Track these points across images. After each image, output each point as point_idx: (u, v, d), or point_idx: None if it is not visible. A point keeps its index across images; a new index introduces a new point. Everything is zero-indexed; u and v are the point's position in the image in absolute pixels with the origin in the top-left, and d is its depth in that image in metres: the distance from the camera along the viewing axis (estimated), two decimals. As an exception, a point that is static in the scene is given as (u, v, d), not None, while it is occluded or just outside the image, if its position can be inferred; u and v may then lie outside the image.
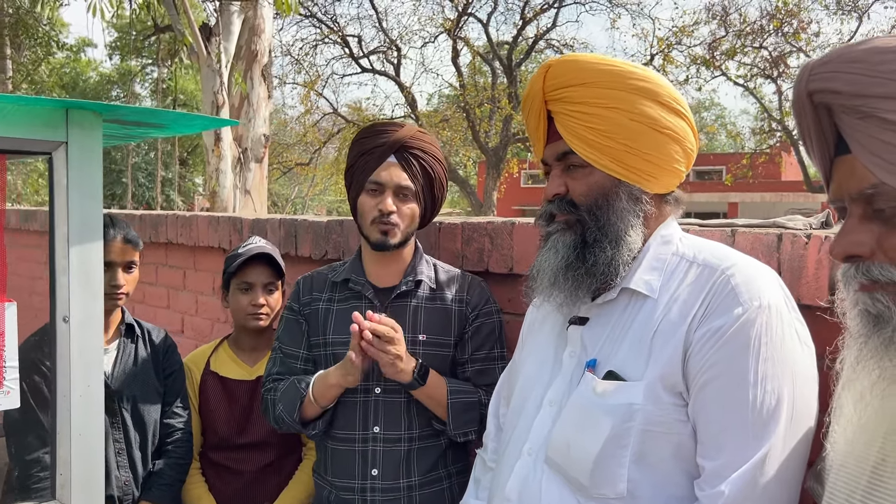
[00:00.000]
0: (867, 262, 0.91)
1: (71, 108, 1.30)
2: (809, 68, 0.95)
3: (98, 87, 30.28)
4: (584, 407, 1.27)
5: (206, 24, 6.91)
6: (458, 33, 17.93)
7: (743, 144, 22.54)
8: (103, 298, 1.36)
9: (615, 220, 1.30)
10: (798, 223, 1.55)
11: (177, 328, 3.75)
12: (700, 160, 30.45)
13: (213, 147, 6.84)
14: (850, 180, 0.93)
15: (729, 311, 1.19)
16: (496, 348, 1.97)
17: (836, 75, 0.92)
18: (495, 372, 1.91)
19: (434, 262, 2.03)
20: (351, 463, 1.90)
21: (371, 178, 1.87)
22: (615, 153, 1.30)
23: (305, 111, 19.13)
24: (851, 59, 0.91)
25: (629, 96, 1.28)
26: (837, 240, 0.94)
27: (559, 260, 1.33)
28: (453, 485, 1.97)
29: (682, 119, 1.32)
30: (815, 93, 0.95)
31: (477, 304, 1.96)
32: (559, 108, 1.34)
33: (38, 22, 17.86)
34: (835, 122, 0.95)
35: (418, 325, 1.92)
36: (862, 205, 0.92)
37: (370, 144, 1.89)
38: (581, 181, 1.33)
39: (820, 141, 0.98)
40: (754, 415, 1.15)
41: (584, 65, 1.31)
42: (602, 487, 1.24)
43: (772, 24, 15.20)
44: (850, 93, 0.91)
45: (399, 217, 1.87)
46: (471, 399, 1.89)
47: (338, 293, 1.99)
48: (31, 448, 1.97)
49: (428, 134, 1.96)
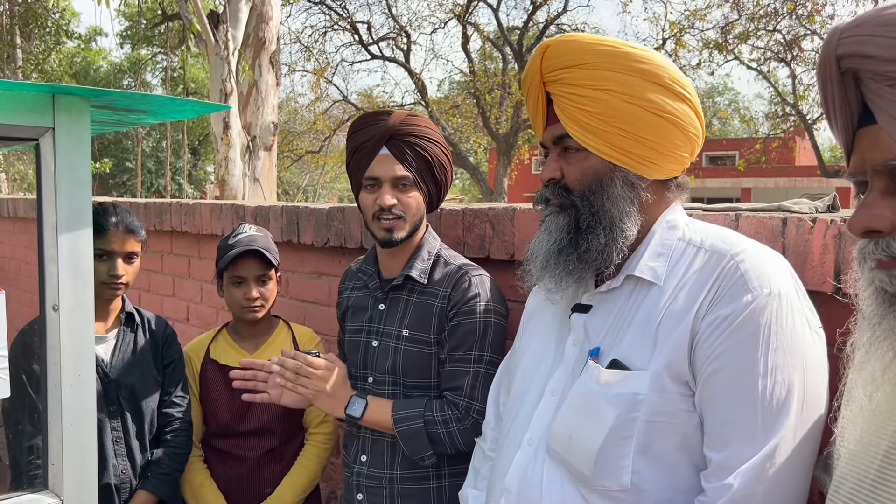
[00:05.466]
0: (888, 237, 0.88)
1: (57, 94, 1.28)
2: (839, 31, 0.91)
3: (109, 76, 30.36)
4: (588, 397, 1.25)
5: (213, 11, 6.88)
6: (469, 19, 17.82)
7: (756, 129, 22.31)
8: (100, 288, 1.35)
9: (609, 205, 1.27)
10: (803, 207, 1.51)
11: (182, 316, 3.75)
12: (713, 145, 30.24)
13: (222, 135, 6.84)
14: (873, 152, 0.89)
15: (738, 298, 1.15)
16: (474, 350, 1.82)
17: (869, 39, 0.87)
18: (466, 376, 1.82)
19: (438, 255, 1.93)
20: (351, 445, 1.98)
21: (367, 174, 1.84)
22: (611, 137, 1.26)
23: (315, 99, 19.11)
24: (885, 22, 0.86)
25: (627, 78, 1.24)
26: (857, 213, 0.90)
27: (552, 243, 1.30)
28: (443, 486, 1.89)
29: (684, 103, 1.27)
30: (844, 57, 0.90)
31: (458, 302, 1.83)
32: (556, 90, 1.30)
33: (48, 11, 17.89)
34: (861, 90, 0.91)
35: (405, 320, 1.89)
36: (885, 178, 0.88)
37: (362, 138, 1.85)
38: (576, 166, 1.30)
39: (843, 110, 0.94)
40: (764, 406, 1.12)
41: (581, 45, 1.27)
42: (605, 479, 1.21)
43: (785, 7, 15.00)
44: (882, 57, 0.86)
45: (402, 208, 1.83)
46: (415, 425, 1.80)
47: (356, 283, 2.05)
48: (28, 436, 1.97)
49: (420, 116, 1.90)
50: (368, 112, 1.92)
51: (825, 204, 1.52)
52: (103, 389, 2.07)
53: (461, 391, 1.81)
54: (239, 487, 2.27)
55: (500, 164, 18.05)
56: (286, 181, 30.61)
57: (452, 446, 1.80)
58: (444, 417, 1.80)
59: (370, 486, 1.90)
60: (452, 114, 18.81)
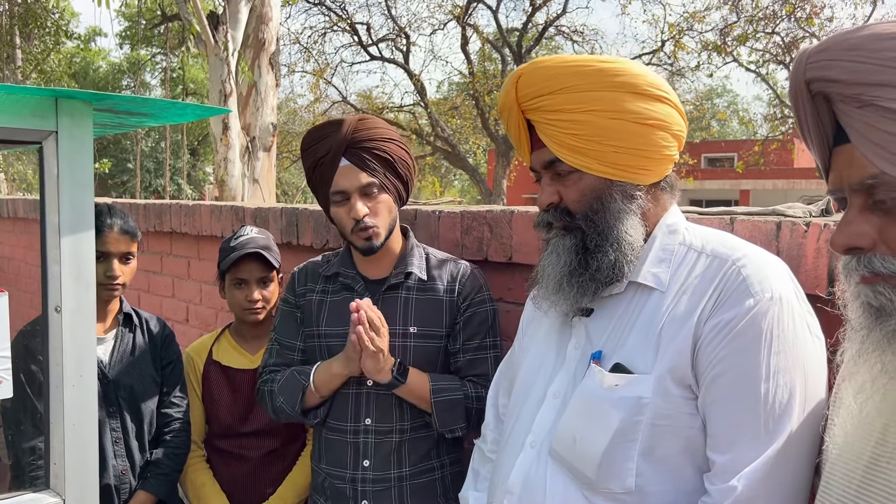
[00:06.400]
0: (869, 253, 0.89)
1: (60, 97, 1.29)
2: (806, 56, 0.93)
3: (108, 76, 30.35)
4: (592, 400, 1.25)
5: (213, 12, 6.88)
6: (468, 20, 17.84)
7: (755, 131, 22.34)
8: (98, 288, 1.36)
9: (613, 222, 1.27)
10: (797, 211, 1.53)
11: (182, 317, 3.76)
12: (711, 147, 30.21)
13: (222, 136, 6.84)
14: (849, 170, 0.91)
15: (740, 302, 1.16)
16: (488, 337, 1.93)
17: (834, 63, 0.89)
18: (487, 362, 1.89)
19: (426, 251, 1.99)
20: (344, 453, 1.92)
21: (333, 189, 1.83)
22: (602, 155, 1.26)
23: (315, 100, 19.12)
24: (849, 47, 0.88)
25: (606, 94, 1.24)
26: (838, 231, 0.92)
27: (562, 266, 1.30)
28: (445, 475, 1.96)
29: (664, 104, 1.27)
30: (813, 81, 0.92)
31: (469, 294, 1.91)
32: (538, 118, 1.30)
33: (48, 11, 17.89)
34: (833, 110, 0.93)
35: (409, 318, 1.89)
36: (862, 196, 0.90)
37: (320, 152, 1.83)
38: (573, 188, 1.30)
39: (818, 130, 0.96)
40: (766, 409, 1.13)
41: (554, 70, 1.26)
42: (609, 481, 1.22)
43: (784, 10, 15.02)
44: (848, 81, 0.88)
45: (374, 217, 1.83)
46: (455, 396, 1.86)
47: (331, 285, 1.99)
48: (28, 437, 1.98)
49: (371, 118, 1.89)
50: (319, 125, 1.90)
51: (819, 208, 1.54)
52: (102, 390, 2.07)
53: (486, 375, 1.86)
54: (241, 487, 2.28)
55: (500, 166, 18.06)
56: (285, 182, 30.57)
57: (480, 422, 1.83)
58: (477, 394, 1.86)
59: (377, 491, 1.88)
60: (452, 115, 18.83)
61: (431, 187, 23.41)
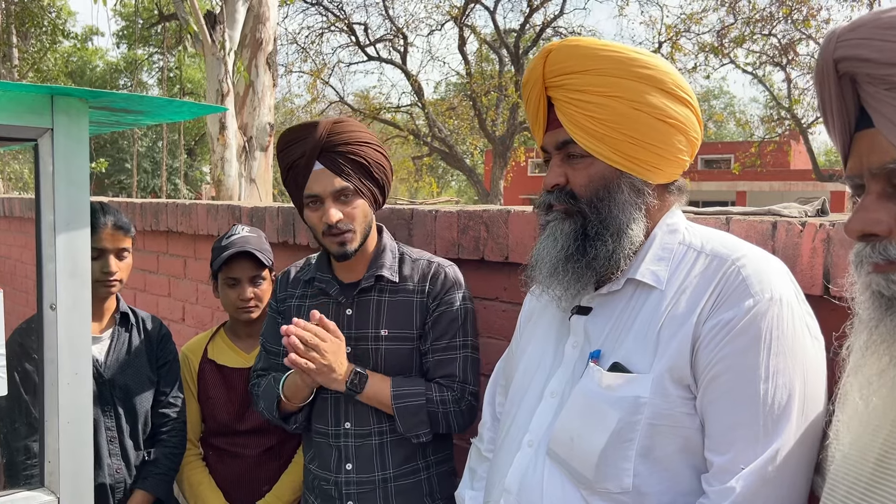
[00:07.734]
0: (884, 241, 0.88)
1: (56, 95, 1.29)
2: (837, 34, 0.91)
3: (105, 75, 30.29)
4: (590, 399, 1.25)
5: (210, 12, 6.87)
6: (465, 21, 17.85)
7: (752, 133, 22.38)
8: (94, 286, 1.36)
9: (617, 212, 1.26)
10: (793, 211, 1.53)
11: (178, 316, 3.76)
12: (708, 149, 30.27)
13: (218, 136, 6.83)
14: (870, 155, 0.89)
15: (739, 303, 1.16)
16: (458, 337, 1.88)
17: (866, 42, 0.87)
18: (455, 363, 1.86)
19: (402, 252, 1.95)
20: (328, 456, 1.92)
21: (306, 193, 1.80)
22: (617, 143, 1.25)
23: (312, 100, 19.12)
24: (883, 26, 0.86)
25: (632, 84, 1.23)
26: (854, 217, 0.90)
27: (558, 250, 1.29)
28: (432, 476, 1.94)
29: (687, 108, 1.27)
30: (842, 60, 0.90)
31: (438, 293, 1.87)
32: (559, 95, 1.28)
33: (45, 10, 17.86)
34: (858, 93, 0.91)
35: (381, 321, 1.88)
36: (882, 181, 0.88)
37: (294, 155, 1.81)
38: (582, 172, 1.29)
39: (841, 113, 0.94)
40: (765, 410, 1.13)
41: (585, 50, 1.26)
42: (606, 481, 1.22)
43: (781, 12, 15.05)
44: (879, 61, 0.86)
45: (349, 221, 1.80)
46: (416, 402, 1.82)
47: (309, 290, 1.98)
48: (22, 435, 1.97)
49: (347, 120, 1.85)
50: (294, 126, 1.86)
51: (814, 208, 1.54)
52: (97, 389, 2.07)
53: (454, 377, 1.85)
54: (237, 485, 2.28)
55: (497, 167, 18.08)
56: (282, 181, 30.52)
57: (447, 427, 1.84)
58: (442, 398, 1.83)
59: (361, 493, 1.88)
60: (449, 115, 18.84)
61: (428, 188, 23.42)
